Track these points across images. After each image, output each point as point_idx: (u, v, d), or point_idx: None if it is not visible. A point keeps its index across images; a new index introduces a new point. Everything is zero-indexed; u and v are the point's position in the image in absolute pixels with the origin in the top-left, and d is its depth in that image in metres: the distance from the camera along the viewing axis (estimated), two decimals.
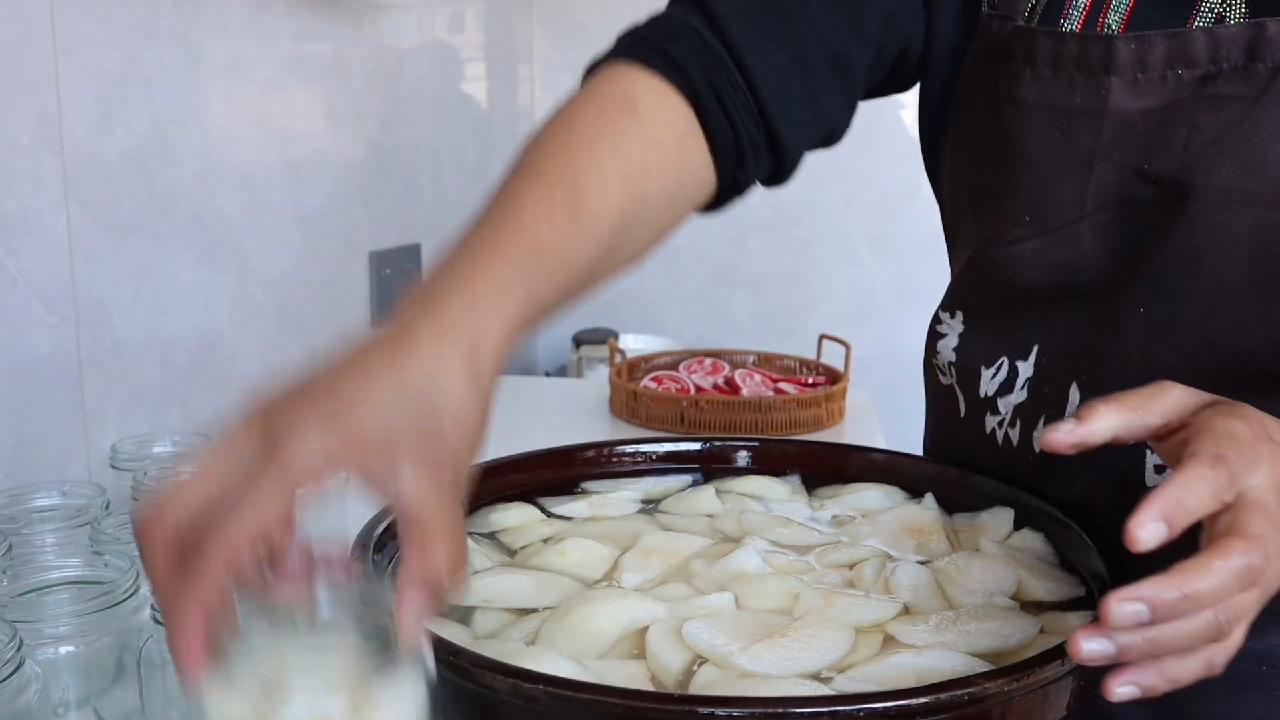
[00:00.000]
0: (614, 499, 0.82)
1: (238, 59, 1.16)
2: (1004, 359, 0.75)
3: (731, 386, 1.67)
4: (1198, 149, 0.64)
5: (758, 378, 1.69)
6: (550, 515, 0.81)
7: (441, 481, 0.47)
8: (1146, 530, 0.49)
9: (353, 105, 1.45)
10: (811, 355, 1.80)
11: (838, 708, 0.50)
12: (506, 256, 0.54)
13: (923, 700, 0.49)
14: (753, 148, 0.69)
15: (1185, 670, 0.52)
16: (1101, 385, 0.67)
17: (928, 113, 0.81)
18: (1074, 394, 0.70)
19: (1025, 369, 0.74)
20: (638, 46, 0.68)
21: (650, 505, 0.84)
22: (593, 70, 0.70)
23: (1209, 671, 0.53)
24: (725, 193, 0.71)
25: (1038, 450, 0.53)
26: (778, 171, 0.72)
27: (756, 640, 0.60)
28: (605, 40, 0.72)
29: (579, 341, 2.19)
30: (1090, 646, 0.49)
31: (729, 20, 0.67)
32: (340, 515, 0.51)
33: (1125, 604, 0.48)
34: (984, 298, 0.76)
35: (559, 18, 2.34)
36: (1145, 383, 0.60)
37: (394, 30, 1.57)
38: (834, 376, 1.69)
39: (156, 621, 0.63)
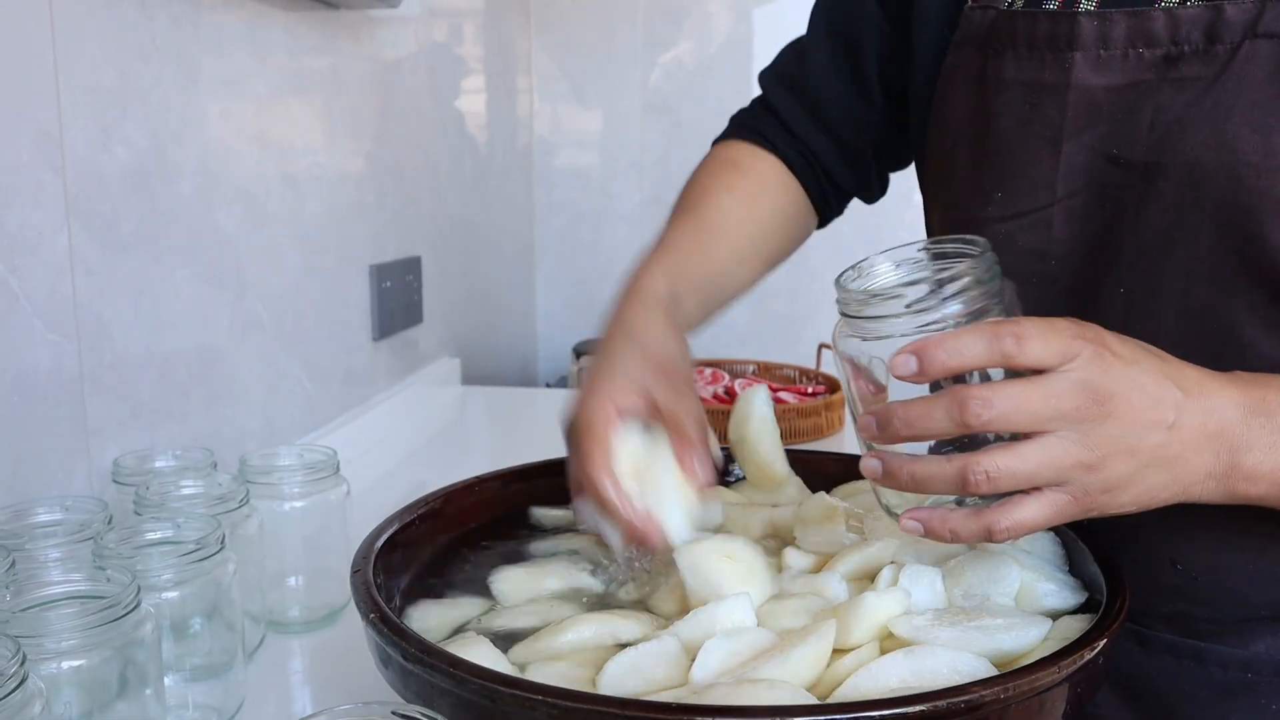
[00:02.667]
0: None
1: (235, 74, 1.16)
2: None
3: (731, 396, 1.67)
4: (1162, 130, 0.66)
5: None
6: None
7: (673, 383, 0.74)
8: (901, 358, 0.57)
9: (350, 118, 1.45)
10: (811, 364, 1.81)
11: (835, 715, 0.50)
12: (656, 258, 0.84)
13: (919, 708, 0.50)
14: (827, 186, 0.96)
15: (964, 527, 0.59)
16: None
17: (917, 110, 0.83)
18: None
19: None
20: (738, 129, 0.97)
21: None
22: (712, 149, 0.98)
23: (988, 535, 0.58)
24: (825, 216, 0.99)
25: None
26: (863, 198, 0.99)
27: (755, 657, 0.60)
28: (601, 52, 0.80)
29: (579, 353, 2.20)
30: (868, 463, 0.61)
31: (790, 118, 0.94)
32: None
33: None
34: None
35: (556, 29, 2.35)
36: None
37: (392, 43, 1.58)
38: (833, 385, 1.70)
39: None
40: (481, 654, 0.63)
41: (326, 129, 1.38)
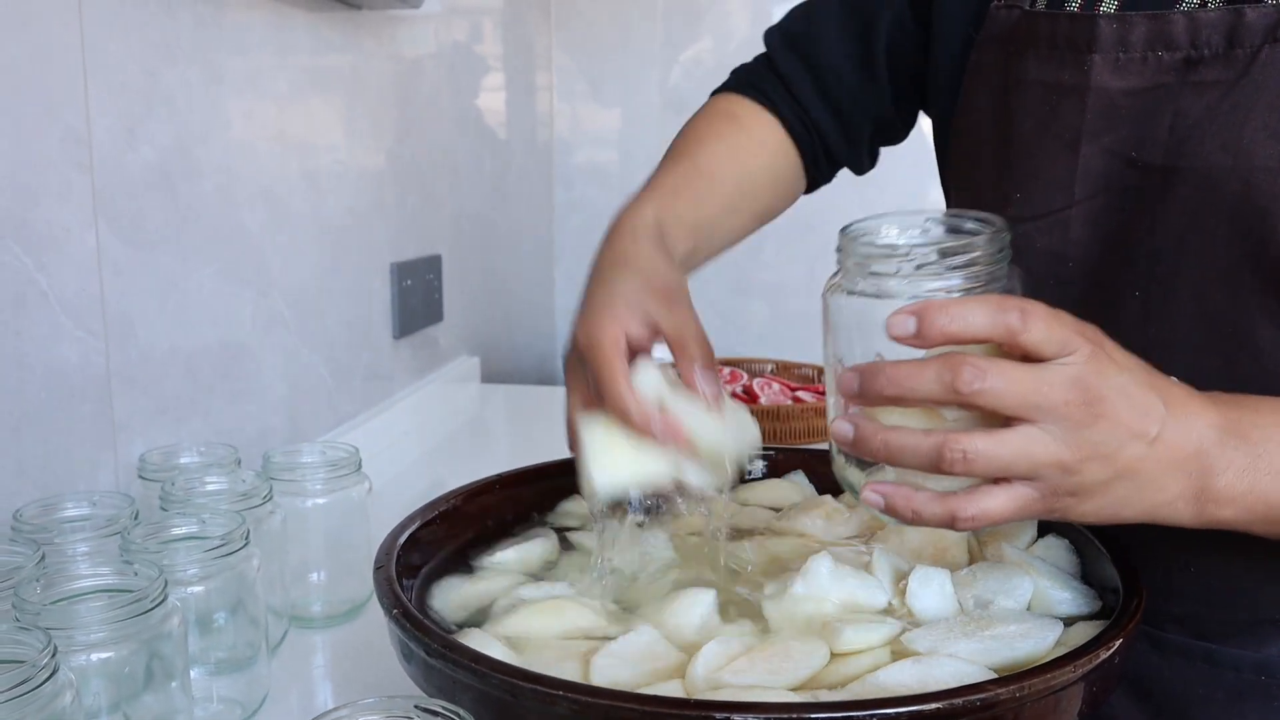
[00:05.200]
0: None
1: (258, 74, 1.17)
2: None
3: (749, 395, 1.67)
4: (1181, 134, 0.66)
5: (775, 386, 1.70)
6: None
7: (673, 305, 0.72)
8: (899, 318, 0.54)
9: (371, 117, 1.46)
10: None
11: (853, 713, 0.51)
12: (646, 196, 0.82)
13: (935, 706, 0.50)
14: (820, 153, 0.96)
15: (928, 508, 0.56)
16: None
17: (938, 106, 0.84)
18: None
19: None
20: (740, 84, 0.96)
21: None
22: (711, 99, 0.98)
23: (948, 519, 0.55)
24: (815, 181, 0.98)
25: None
26: (854, 169, 0.99)
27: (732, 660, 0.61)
28: (621, 49, 0.82)
29: None
30: (839, 426, 0.58)
31: (794, 84, 0.93)
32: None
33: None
34: None
35: (576, 28, 2.36)
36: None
37: (412, 41, 1.59)
38: None
39: None
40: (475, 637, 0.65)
41: (348, 128, 1.39)
